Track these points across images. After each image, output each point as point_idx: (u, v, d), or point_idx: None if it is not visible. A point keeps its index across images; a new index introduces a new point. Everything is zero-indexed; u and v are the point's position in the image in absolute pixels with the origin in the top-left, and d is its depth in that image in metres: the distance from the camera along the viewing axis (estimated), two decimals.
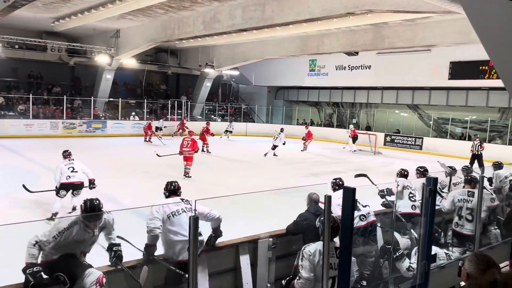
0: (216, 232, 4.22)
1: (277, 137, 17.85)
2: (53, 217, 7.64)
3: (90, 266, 3.57)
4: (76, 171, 8.24)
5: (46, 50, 23.93)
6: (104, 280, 3.40)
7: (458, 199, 5.52)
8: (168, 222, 4.02)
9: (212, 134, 20.39)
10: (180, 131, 23.79)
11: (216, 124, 26.04)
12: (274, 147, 17.71)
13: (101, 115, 24.91)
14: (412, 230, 4.86)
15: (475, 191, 5.44)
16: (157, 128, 23.02)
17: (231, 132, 25.13)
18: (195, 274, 2.55)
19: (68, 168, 8.21)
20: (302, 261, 3.62)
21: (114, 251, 3.79)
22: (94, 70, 25.44)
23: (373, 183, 6.04)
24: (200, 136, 17.60)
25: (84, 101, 25.12)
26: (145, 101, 26.59)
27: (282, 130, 18.70)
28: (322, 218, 3.70)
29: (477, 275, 2.10)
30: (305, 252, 3.64)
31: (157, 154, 13.85)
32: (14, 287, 3.23)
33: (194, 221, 2.48)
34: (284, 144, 17.96)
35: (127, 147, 19.34)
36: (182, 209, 4.12)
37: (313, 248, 3.63)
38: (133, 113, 25.77)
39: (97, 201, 3.86)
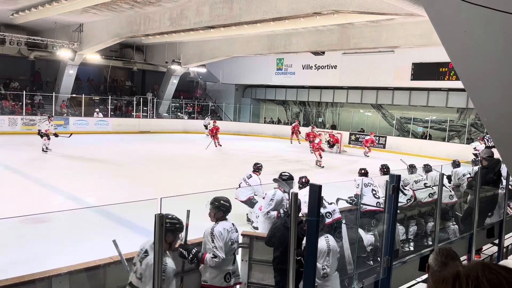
0: None
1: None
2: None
3: None
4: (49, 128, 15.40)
5: (5, 43, 22.87)
6: None
7: None
8: None
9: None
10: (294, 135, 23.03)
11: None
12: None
13: (63, 112, 24.11)
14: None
15: None
16: (205, 127, 23.52)
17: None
18: (160, 273, 2.51)
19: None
20: (214, 242, 3.75)
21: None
22: (56, 65, 24.60)
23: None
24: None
25: (45, 97, 24.26)
26: (110, 97, 25.96)
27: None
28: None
29: (435, 267, 2.23)
30: (216, 232, 3.78)
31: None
32: None
33: (160, 219, 2.44)
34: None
35: (90, 145, 18.83)
36: None
37: (221, 227, 3.83)
38: (97, 110, 25.07)
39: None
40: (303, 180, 5.63)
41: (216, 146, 18.97)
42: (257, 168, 7.86)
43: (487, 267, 0.93)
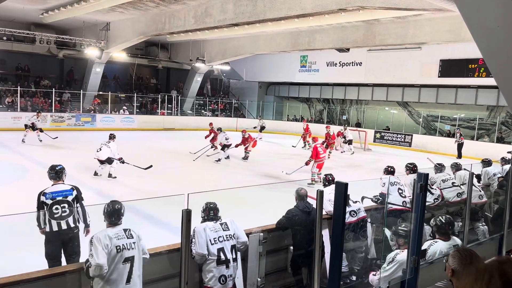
0: None
1: None
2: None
3: None
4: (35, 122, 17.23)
5: (35, 42, 23.59)
6: None
7: None
8: None
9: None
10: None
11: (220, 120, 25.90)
12: None
13: (89, 108, 24.67)
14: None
15: None
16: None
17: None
18: (187, 267, 2.55)
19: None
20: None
21: None
22: (84, 63, 25.18)
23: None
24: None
25: (73, 94, 24.87)
26: (135, 95, 26.41)
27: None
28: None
29: (462, 270, 2.11)
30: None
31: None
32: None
33: (187, 215, 2.47)
34: None
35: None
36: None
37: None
38: (124, 107, 25.57)
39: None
40: (329, 177, 5.59)
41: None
42: (113, 136, 11.44)
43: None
